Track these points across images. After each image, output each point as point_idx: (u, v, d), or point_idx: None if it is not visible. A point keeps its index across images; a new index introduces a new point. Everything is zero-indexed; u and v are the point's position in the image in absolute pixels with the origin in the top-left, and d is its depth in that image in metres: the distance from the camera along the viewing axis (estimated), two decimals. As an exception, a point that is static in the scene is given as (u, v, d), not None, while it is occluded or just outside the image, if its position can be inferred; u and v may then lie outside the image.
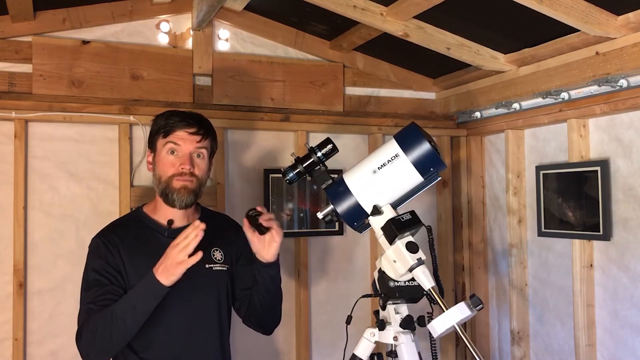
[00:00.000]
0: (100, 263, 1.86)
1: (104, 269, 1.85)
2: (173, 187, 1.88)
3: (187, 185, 1.88)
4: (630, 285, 2.39)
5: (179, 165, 1.88)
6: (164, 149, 1.90)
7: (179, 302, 1.87)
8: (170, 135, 1.89)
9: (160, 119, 1.95)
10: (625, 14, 2.11)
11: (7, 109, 2.46)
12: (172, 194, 1.88)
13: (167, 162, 1.90)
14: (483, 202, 3.25)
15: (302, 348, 2.92)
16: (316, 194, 2.97)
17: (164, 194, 1.90)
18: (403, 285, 1.81)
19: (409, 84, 3.22)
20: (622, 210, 2.41)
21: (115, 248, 1.87)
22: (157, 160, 1.93)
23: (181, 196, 1.88)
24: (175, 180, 1.88)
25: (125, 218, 2.07)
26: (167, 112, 1.97)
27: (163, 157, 1.90)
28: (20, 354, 2.46)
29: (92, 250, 1.91)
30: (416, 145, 1.80)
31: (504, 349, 3.10)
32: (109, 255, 1.87)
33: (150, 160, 1.97)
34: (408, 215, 1.82)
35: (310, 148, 1.99)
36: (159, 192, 1.92)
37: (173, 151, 1.90)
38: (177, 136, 1.89)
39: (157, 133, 1.93)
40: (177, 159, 1.89)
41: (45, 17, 2.56)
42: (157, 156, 1.93)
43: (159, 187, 1.91)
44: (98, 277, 1.84)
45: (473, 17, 2.41)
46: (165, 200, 1.91)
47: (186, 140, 1.89)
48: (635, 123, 2.38)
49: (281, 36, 2.96)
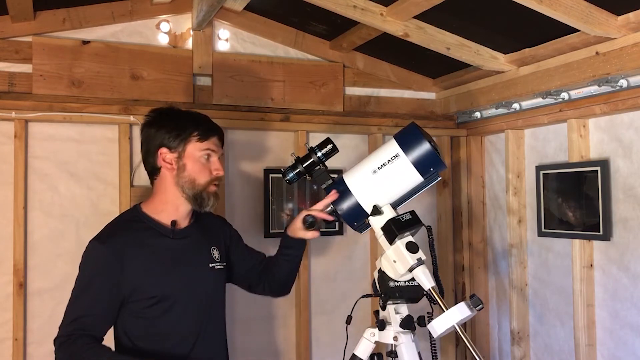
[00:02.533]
0: (97, 280, 1.82)
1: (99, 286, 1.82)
2: (209, 192, 1.92)
3: (216, 190, 1.95)
4: (630, 285, 2.39)
5: (215, 171, 1.92)
6: (200, 154, 1.90)
7: (190, 302, 1.89)
8: (207, 142, 1.91)
9: (184, 120, 1.93)
10: (625, 14, 2.11)
11: (7, 109, 2.46)
12: (208, 198, 1.91)
13: (204, 168, 1.91)
14: (483, 202, 3.25)
15: (302, 348, 2.92)
16: (316, 194, 2.97)
17: (198, 197, 1.90)
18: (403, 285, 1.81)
19: (409, 84, 3.22)
20: (622, 210, 2.41)
21: (118, 256, 1.82)
22: (189, 164, 1.90)
23: (213, 200, 1.93)
24: (212, 186, 1.93)
25: (125, 219, 1.99)
26: (188, 114, 1.97)
27: (198, 162, 1.91)
28: (20, 354, 2.47)
29: (91, 257, 1.86)
30: (416, 146, 1.80)
31: (504, 349, 3.10)
32: (107, 267, 1.82)
33: (171, 161, 1.91)
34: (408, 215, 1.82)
35: (310, 148, 1.99)
36: (189, 195, 1.90)
37: (209, 156, 1.92)
38: (213, 142, 1.93)
39: (189, 135, 1.90)
40: (209, 164, 1.93)
41: (45, 17, 2.56)
42: (188, 159, 1.90)
43: (191, 190, 1.90)
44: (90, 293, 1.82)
45: (473, 17, 2.41)
46: (195, 203, 1.91)
47: (218, 147, 1.96)
48: (635, 123, 2.37)
49: (281, 36, 2.96)
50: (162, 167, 1.91)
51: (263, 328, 2.90)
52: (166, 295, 1.84)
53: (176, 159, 1.90)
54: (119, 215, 2.07)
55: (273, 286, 2.19)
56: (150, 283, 1.84)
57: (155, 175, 1.94)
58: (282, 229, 2.88)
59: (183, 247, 1.92)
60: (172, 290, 1.86)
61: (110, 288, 1.81)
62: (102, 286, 1.82)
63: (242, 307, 2.81)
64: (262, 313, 2.89)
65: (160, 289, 1.84)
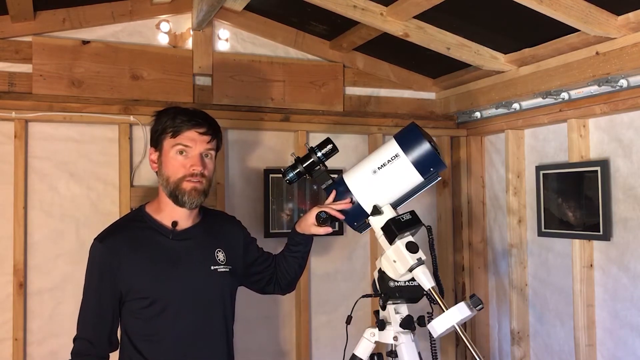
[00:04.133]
0: (98, 278, 1.84)
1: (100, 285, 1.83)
2: (183, 189, 1.84)
3: (197, 187, 1.85)
4: (630, 285, 2.39)
5: (190, 167, 1.84)
6: (173, 150, 1.85)
7: (186, 305, 1.86)
8: (179, 136, 1.84)
9: (164, 117, 1.88)
10: (625, 14, 2.11)
11: (7, 109, 2.46)
12: (182, 195, 1.84)
13: (177, 163, 1.85)
14: (483, 202, 3.25)
15: (302, 348, 2.92)
16: (316, 194, 2.97)
17: (173, 195, 1.85)
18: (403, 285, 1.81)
19: (409, 84, 3.23)
20: (622, 210, 2.41)
21: (115, 254, 1.83)
22: (165, 161, 1.86)
23: (192, 197, 1.85)
24: (185, 182, 1.84)
25: (128, 218, 2.00)
26: (172, 110, 1.91)
27: (172, 158, 1.85)
28: (20, 354, 2.47)
29: (92, 257, 1.87)
30: (416, 145, 1.80)
31: (504, 349, 3.10)
32: (105, 265, 1.83)
33: (155, 159, 1.90)
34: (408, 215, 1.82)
35: (310, 148, 1.99)
36: (167, 193, 1.86)
37: (182, 152, 1.85)
38: (186, 137, 1.84)
39: (164, 132, 1.86)
40: (187, 159, 1.85)
41: (45, 17, 2.56)
42: (164, 156, 1.86)
43: (167, 187, 1.86)
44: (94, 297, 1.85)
45: (473, 17, 2.41)
46: (174, 201, 1.87)
47: (196, 141, 1.84)
48: (635, 123, 2.37)
49: (281, 36, 2.96)
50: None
51: (263, 328, 2.90)
52: (159, 297, 1.82)
53: (158, 157, 1.89)
54: (125, 215, 2.07)
55: (283, 284, 2.18)
56: (144, 283, 1.82)
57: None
58: (282, 229, 2.89)
59: (183, 248, 1.89)
60: (164, 293, 1.83)
61: (111, 285, 1.82)
62: (104, 285, 1.82)
63: (242, 307, 2.79)
64: (262, 313, 2.89)
65: (153, 290, 1.82)
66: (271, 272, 2.15)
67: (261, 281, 2.16)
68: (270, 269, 2.15)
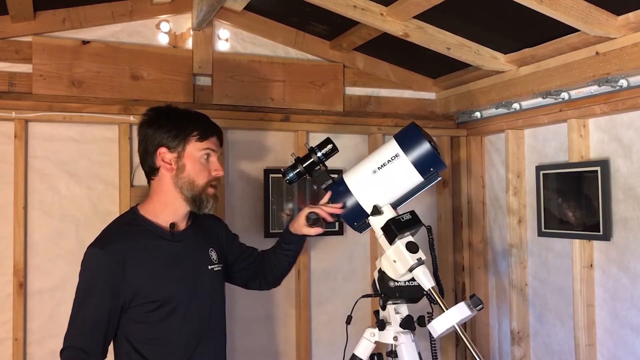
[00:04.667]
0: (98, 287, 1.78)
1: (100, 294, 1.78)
2: (208, 194, 1.88)
3: (215, 192, 1.91)
4: (630, 285, 2.39)
5: (214, 171, 1.88)
6: (200, 153, 1.86)
7: (192, 306, 1.87)
8: (206, 141, 1.87)
9: (183, 120, 1.88)
10: (625, 14, 2.11)
11: (7, 109, 2.46)
12: (207, 200, 1.87)
13: (204, 168, 1.87)
14: (483, 202, 3.25)
15: (302, 348, 2.92)
16: (316, 194, 2.97)
17: (197, 198, 1.86)
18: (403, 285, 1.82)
19: (409, 84, 3.22)
20: (622, 210, 2.41)
21: (119, 261, 1.78)
22: (190, 164, 1.85)
23: (213, 202, 1.89)
24: (210, 187, 1.88)
25: (122, 223, 1.94)
26: (187, 113, 1.92)
27: (198, 162, 1.86)
28: (20, 354, 2.47)
29: (91, 265, 1.81)
30: (416, 145, 1.80)
31: (504, 349, 3.10)
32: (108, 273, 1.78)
33: (171, 161, 1.86)
34: (408, 215, 1.82)
35: (310, 148, 1.99)
36: (188, 196, 1.85)
37: (208, 157, 1.88)
38: (212, 142, 1.89)
39: (188, 135, 1.86)
40: (208, 164, 1.88)
41: (45, 17, 2.56)
42: (188, 159, 1.85)
43: (190, 191, 1.85)
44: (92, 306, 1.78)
45: (473, 17, 2.41)
46: (195, 205, 1.86)
47: (217, 147, 1.91)
48: (635, 123, 2.37)
49: (281, 36, 2.96)
50: (161, 167, 1.87)
51: (263, 328, 2.90)
52: (167, 299, 1.82)
53: (175, 159, 1.86)
54: (116, 218, 2.00)
55: (270, 279, 2.21)
56: (151, 287, 1.81)
57: (153, 175, 1.90)
58: (282, 229, 2.88)
59: (182, 250, 1.89)
60: (173, 294, 1.83)
61: (111, 294, 1.78)
62: (103, 293, 1.78)
63: (242, 307, 2.82)
64: (262, 313, 2.89)
65: (161, 293, 1.82)
66: (256, 267, 2.17)
67: (245, 277, 2.18)
68: (255, 264, 2.17)
